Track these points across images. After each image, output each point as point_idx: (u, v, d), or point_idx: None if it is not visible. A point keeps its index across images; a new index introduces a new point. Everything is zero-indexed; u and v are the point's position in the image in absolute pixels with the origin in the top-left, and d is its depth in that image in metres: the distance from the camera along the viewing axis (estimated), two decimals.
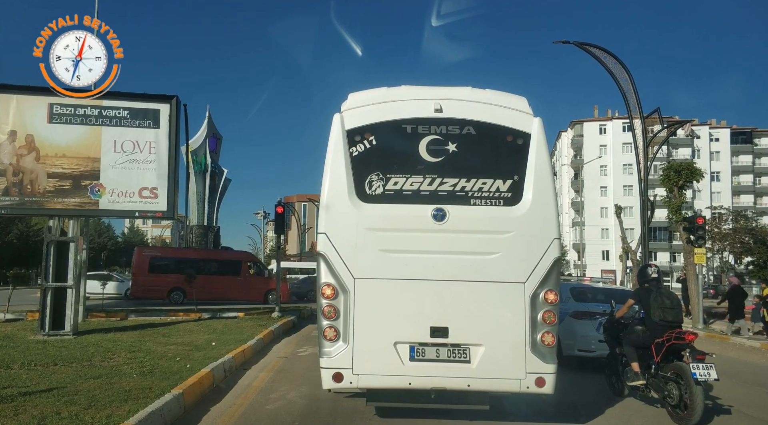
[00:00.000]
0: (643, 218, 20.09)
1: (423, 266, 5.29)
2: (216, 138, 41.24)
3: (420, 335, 5.21)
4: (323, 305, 5.26)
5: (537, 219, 5.40)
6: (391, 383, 5.26)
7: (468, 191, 5.43)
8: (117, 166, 11.83)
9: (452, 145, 5.49)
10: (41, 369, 7.48)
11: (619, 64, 20.98)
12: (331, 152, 5.49)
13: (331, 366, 5.20)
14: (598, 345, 8.77)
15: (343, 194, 5.38)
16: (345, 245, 5.32)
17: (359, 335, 5.21)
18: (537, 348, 5.21)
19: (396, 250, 5.31)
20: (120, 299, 27.65)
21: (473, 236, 5.36)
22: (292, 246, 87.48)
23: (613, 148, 78.84)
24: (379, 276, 5.29)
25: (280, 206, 15.67)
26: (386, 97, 5.78)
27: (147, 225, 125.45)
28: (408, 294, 5.26)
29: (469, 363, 5.21)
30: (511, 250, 5.33)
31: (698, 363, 5.78)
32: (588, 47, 21.31)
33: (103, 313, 16.40)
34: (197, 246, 39.08)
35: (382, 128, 5.57)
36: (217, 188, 40.61)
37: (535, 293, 5.26)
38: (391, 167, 5.47)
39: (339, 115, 5.59)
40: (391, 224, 5.37)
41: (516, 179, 5.46)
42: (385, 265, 5.29)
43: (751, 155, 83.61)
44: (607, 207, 79.20)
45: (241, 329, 12.68)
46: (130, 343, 10.19)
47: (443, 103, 5.56)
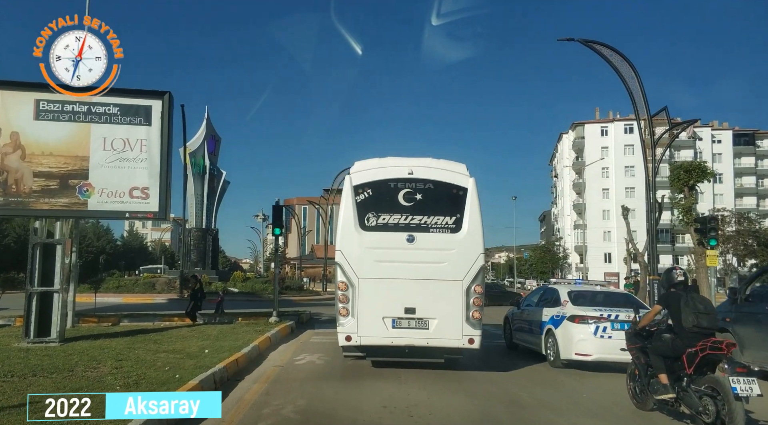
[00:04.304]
0: (649, 220, 19.55)
1: (400, 270, 8.42)
2: (215, 140, 40.72)
3: (398, 312, 8.36)
4: (339, 294, 8.46)
5: (470, 241, 8.51)
6: (380, 342, 8.36)
7: (428, 224, 8.59)
8: (106, 165, 11.30)
9: (419, 195, 8.67)
10: (17, 381, 6.93)
11: (626, 62, 20.39)
12: (344, 198, 8.77)
13: (344, 331, 8.36)
14: (596, 349, 9.18)
15: (351, 225, 8.59)
16: (352, 257, 8.49)
17: (361, 312, 8.34)
18: (469, 320, 8.31)
19: (384, 260, 8.48)
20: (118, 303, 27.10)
21: (431, 251, 8.50)
22: (292, 249, 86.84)
23: (614, 150, 78.40)
24: (374, 276, 8.43)
25: (278, 205, 15.17)
26: (378, 164, 9.04)
27: (146, 228, 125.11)
28: (391, 287, 8.39)
29: (428, 329, 8.32)
30: (454, 260, 8.47)
31: (739, 377, 5.25)
32: (593, 45, 20.73)
33: (95, 318, 15.87)
34: (195, 249, 38.58)
35: (375, 185, 8.75)
36: (215, 191, 40.05)
37: (469, 287, 8.37)
38: (381, 209, 8.61)
39: (349, 176, 8.83)
40: (381, 244, 8.52)
41: (458, 216, 8.60)
42: (377, 269, 8.44)
43: (754, 157, 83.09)
44: (609, 210, 78.68)
45: (237, 335, 12.14)
46: (118, 351, 9.65)
47: (413, 168, 8.77)
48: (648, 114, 20.29)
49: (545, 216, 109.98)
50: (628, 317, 8.76)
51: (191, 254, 38.54)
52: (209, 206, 39.33)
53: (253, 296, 31.80)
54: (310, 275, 66.03)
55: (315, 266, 66.11)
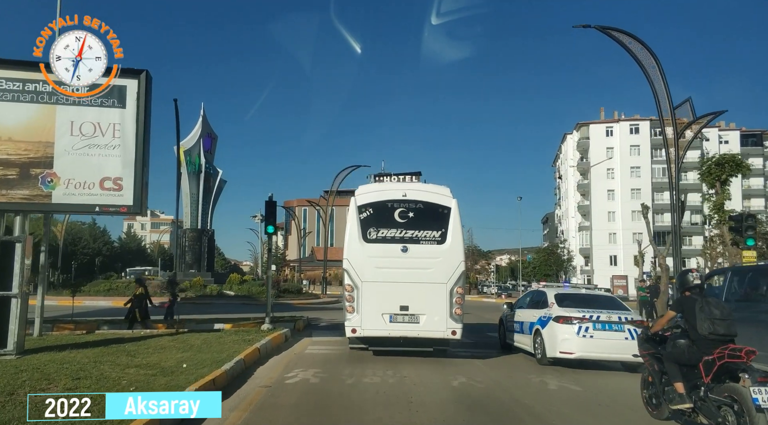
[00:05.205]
0: (673, 219, 18.20)
1: (396, 275, 10.07)
2: (211, 138, 39.35)
3: (394, 309, 10.01)
4: (346, 295, 10.20)
5: (453, 252, 10.26)
6: (380, 333, 10.01)
7: (419, 237, 10.24)
8: (74, 152, 9.99)
9: (411, 213, 10.34)
10: None
11: (647, 50, 19.06)
12: (350, 216, 10.48)
13: (350, 325, 10.05)
14: (578, 347, 9.89)
15: (356, 238, 10.33)
16: (357, 264, 10.20)
17: (364, 309, 10.03)
18: (452, 316, 10.00)
19: (383, 267, 10.13)
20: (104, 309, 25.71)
21: (421, 259, 10.12)
22: (292, 251, 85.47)
23: (620, 150, 77.00)
24: (375, 280, 10.10)
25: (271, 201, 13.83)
26: (378, 188, 11.04)
27: (145, 230, 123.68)
28: (389, 289, 10.03)
29: (419, 323, 10.00)
30: (440, 267, 10.13)
31: (760, 387, 4.89)
32: (611, 32, 19.39)
33: (71, 325, 14.50)
34: (190, 251, 37.20)
35: (376, 205, 10.45)
36: (211, 190, 38.65)
37: (452, 288, 10.06)
38: (380, 224, 10.29)
39: (353, 198, 10.55)
40: (380, 254, 10.19)
41: (443, 231, 10.30)
42: (378, 274, 10.11)
43: (762, 158, 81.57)
44: (615, 211, 77.34)
45: (222, 345, 10.76)
46: (80, 366, 8.26)
47: (407, 191, 10.55)
48: (671, 106, 18.93)
49: (548, 218, 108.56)
50: (608, 317, 10.07)
51: (186, 256, 37.14)
52: (205, 206, 37.92)
53: (249, 300, 30.39)
54: (310, 278, 64.86)
55: (315, 269, 64.88)
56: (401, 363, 9.92)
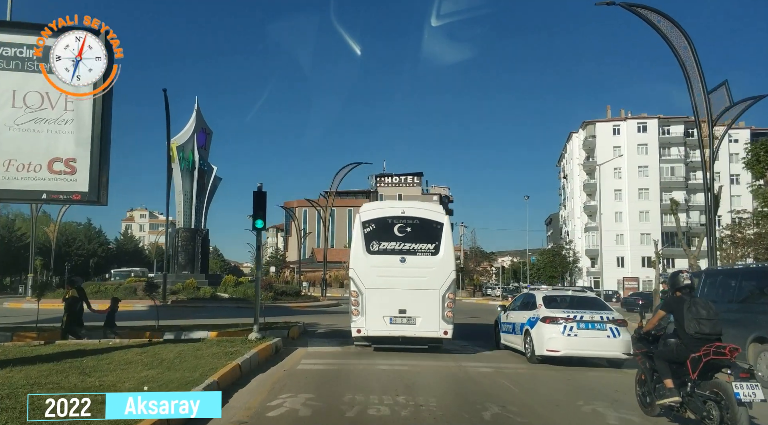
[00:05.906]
0: (707, 212, 16.49)
1: (396, 282, 11.56)
2: (205, 133, 37.54)
3: (394, 312, 11.49)
4: (352, 300, 11.70)
5: (445, 262, 11.76)
6: (381, 333, 11.55)
7: (415, 249, 11.76)
8: (16, 127, 8.31)
9: (409, 228, 11.92)
10: None
11: (677, 28, 17.37)
12: (355, 231, 12.18)
13: (356, 326, 11.53)
14: (563, 346, 10.53)
15: (361, 250, 11.84)
16: (361, 273, 11.68)
17: (367, 312, 11.50)
18: (444, 318, 11.43)
19: (384, 275, 11.61)
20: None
21: (417, 269, 11.62)
22: (292, 253, 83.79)
23: (627, 149, 75.20)
24: (377, 287, 11.59)
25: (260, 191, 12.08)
26: (379, 206, 13.86)
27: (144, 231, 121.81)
28: (389, 295, 11.52)
29: (415, 324, 11.48)
30: (434, 275, 11.58)
31: (742, 382, 5.16)
32: (639, 9, 17.72)
33: (34, 333, 12.79)
34: (183, 251, 35.44)
35: (378, 221, 12.05)
36: (205, 188, 36.80)
37: (444, 294, 11.48)
38: (382, 238, 11.84)
39: (358, 214, 12.18)
40: (382, 264, 11.67)
41: (436, 244, 11.80)
42: (379, 282, 11.60)
43: None
44: (622, 212, 75.52)
45: (198, 360, 9.01)
46: (14, 388, 6.56)
47: (405, 209, 12.24)
48: (704, 89, 17.20)
49: (551, 219, 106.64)
50: (591, 317, 10.72)
51: (179, 257, 35.37)
52: (199, 205, 36.07)
53: (244, 303, 28.53)
54: (310, 280, 63.27)
55: (315, 270, 63.21)
56: (416, 388, 8.11)
